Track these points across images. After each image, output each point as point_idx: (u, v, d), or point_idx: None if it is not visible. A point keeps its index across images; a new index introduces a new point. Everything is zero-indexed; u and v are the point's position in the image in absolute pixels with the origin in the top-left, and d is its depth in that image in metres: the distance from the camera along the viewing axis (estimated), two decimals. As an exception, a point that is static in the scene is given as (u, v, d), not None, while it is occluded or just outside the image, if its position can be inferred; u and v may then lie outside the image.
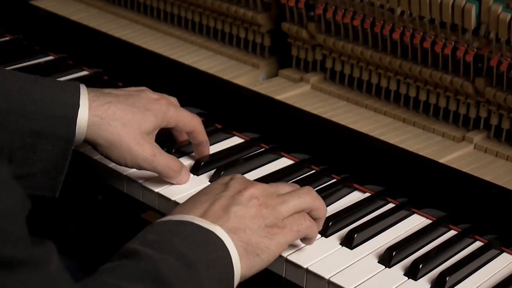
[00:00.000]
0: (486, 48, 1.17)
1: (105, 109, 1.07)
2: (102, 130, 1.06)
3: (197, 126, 1.17)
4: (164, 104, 1.13)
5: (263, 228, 0.95)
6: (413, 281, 0.99)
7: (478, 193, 1.10)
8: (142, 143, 1.08)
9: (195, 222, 0.92)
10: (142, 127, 1.09)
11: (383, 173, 1.18)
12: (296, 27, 1.39)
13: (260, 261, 0.94)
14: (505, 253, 1.06)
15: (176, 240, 0.88)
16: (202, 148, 1.19)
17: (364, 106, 1.33)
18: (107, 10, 1.67)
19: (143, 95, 1.13)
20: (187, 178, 1.14)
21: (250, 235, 0.94)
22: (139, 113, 1.10)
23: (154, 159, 1.09)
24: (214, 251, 0.90)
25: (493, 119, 1.21)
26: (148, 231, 0.92)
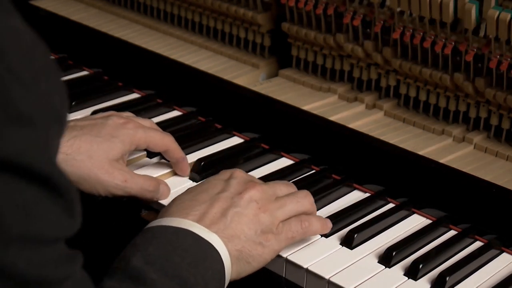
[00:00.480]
0: (486, 48, 1.17)
1: (70, 144, 1.06)
2: (69, 166, 1.06)
3: (170, 145, 1.15)
4: (131, 128, 1.12)
5: (259, 234, 0.96)
6: (413, 281, 0.99)
7: (478, 193, 1.10)
8: (111, 171, 1.07)
9: (194, 232, 0.93)
10: (109, 155, 1.08)
11: (383, 173, 1.17)
12: (296, 27, 1.39)
13: (250, 268, 0.97)
14: (505, 253, 1.06)
15: (177, 259, 0.89)
16: (181, 165, 1.17)
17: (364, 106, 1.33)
18: (107, 10, 1.67)
19: (109, 122, 1.12)
20: (167, 193, 1.13)
21: (244, 242, 0.95)
22: (105, 142, 1.09)
23: (126, 185, 1.08)
24: (211, 267, 0.91)
25: (493, 119, 1.21)
26: (148, 240, 0.92)
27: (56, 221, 0.65)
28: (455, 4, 1.16)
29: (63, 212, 0.66)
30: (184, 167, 1.18)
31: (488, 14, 1.13)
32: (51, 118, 0.64)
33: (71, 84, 1.45)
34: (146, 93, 1.42)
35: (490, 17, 1.13)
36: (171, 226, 0.94)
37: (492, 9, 1.13)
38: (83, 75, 1.50)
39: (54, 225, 0.65)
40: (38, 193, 0.63)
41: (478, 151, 1.21)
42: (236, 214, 0.96)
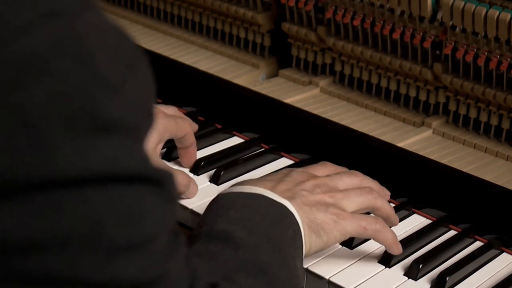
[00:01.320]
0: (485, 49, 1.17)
1: None
2: None
3: (189, 128, 1.16)
4: (162, 118, 1.13)
5: (329, 211, 0.95)
6: (413, 281, 0.99)
7: (478, 193, 1.10)
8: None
9: (266, 196, 0.93)
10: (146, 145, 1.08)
11: (383, 173, 1.17)
12: (296, 27, 1.39)
13: (320, 243, 0.94)
14: (505, 253, 1.06)
15: (258, 219, 0.89)
16: (192, 151, 1.18)
17: (364, 106, 1.33)
18: (107, 10, 1.67)
19: None
20: (195, 191, 1.12)
21: (316, 214, 0.94)
22: None
23: None
24: (290, 226, 0.91)
25: (493, 120, 1.21)
26: (223, 205, 0.92)
27: (160, 215, 0.64)
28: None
29: (165, 202, 0.65)
30: (194, 154, 1.18)
31: (488, 14, 1.13)
32: (140, 117, 0.63)
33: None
34: (146, 93, 1.42)
35: (490, 17, 1.13)
36: (243, 192, 0.94)
37: (492, 9, 1.13)
38: (83, 75, 1.50)
39: (159, 220, 0.64)
40: (138, 194, 0.62)
41: (478, 151, 1.21)
42: (303, 194, 0.95)
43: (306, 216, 0.94)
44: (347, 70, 1.36)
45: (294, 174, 1.00)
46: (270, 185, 0.96)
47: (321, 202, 0.96)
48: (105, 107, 0.59)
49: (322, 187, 0.98)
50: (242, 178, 1.17)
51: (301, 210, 0.94)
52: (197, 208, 1.09)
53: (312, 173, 1.02)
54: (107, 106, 0.59)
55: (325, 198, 0.96)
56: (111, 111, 0.59)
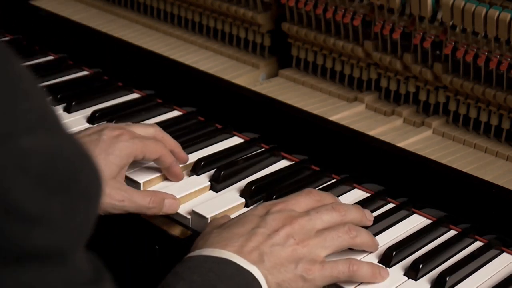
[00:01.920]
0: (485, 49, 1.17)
1: None
2: None
3: (163, 150, 1.13)
4: (126, 140, 1.09)
5: (300, 267, 0.94)
6: (413, 281, 0.99)
7: (478, 193, 1.10)
8: (108, 192, 1.05)
9: (234, 261, 0.92)
10: (106, 175, 1.06)
11: (383, 173, 1.18)
12: (296, 27, 1.39)
13: None
14: (505, 253, 1.06)
15: (222, 286, 0.88)
16: (174, 169, 1.15)
17: (364, 106, 1.33)
18: (107, 10, 1.67)
19: (102, 138, 1.09)
20: (175, 206, 1.10)
21: (284, 276, 0.93)
22: (100, 162, 1.06)
23: (124, 204, 1.06)
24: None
25: (493, 120, 1.21)
26: (191, 268, 0.91)
27: None
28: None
29: None
30: (177, 171, 1.15)
31: (488, 14, 1.13)
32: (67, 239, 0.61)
33: (71, 84, 1.46)
34: (146, 93, 1.42)
35: (490, 17, 1.13)
36: (212, 256, 0.92)
37: (492, 9, 1.13)
38: (83, 75, 1.50)
39: None
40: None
41: (478, 151, 1.21)
42: (274, 250, 0.94)
43: (274, 281, 0.92)
44: (347, 70, 1.36)
45: (269, 219, 0.97)
46: (238, 245, 0.93)
47: (292, 258, 0.94)
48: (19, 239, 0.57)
49: (296, 235, 0.95)
50: (242, 178, 1.17)
51: (269, 274, 0.92)
52: (197, 208, 1.09)
53: (291, 210, 0.99)
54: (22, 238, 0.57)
55: (297, 250, 0.94)
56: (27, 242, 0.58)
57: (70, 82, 1.47)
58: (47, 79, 1.45)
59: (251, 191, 1.12)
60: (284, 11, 1.41)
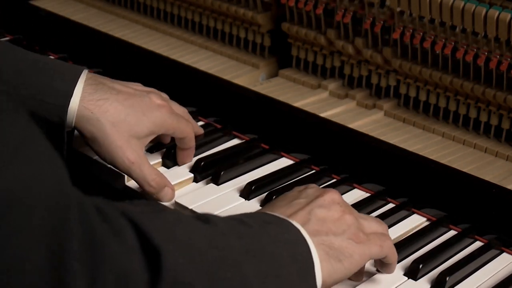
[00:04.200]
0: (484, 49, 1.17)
1: (99, 104, 1.07)
2: (89, 124, 1.06)
3: (190, 133, 1.16)
4: (165, 112, 1.12)
5: (348, 233, 0.89)
6: (413, 281, 0.99)
7: (478, 193, 1.10)
8: (126, 148, 1.07)
9: (276, 215, 0.88)
10: (132, 130, 1.08)
11: (383, 173, 1.18)
12: (296, 27, 1.39)
13: (342, 269, 0.88)
14: (505, 253, 1.06)
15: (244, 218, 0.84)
16: (189, 153, 1.18)
17: (364, 106, 1.33)
18: (107, 10, 1.67)
19: (146, 99, 1.12)
20: (170, 197, 1.11)
21: (333, 239, 0.88)
22: (134, 117, 1.08)
23: (131, 166, 1.08)
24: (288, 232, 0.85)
25: (493, 120, 1.21)
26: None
27: None
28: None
29: None
30: (191, 156, 1.18)
31: (488, 14, 1.13)
32: None
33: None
34: (146, 93, 1.42)
35: (490, 17, 1.13)
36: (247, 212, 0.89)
37: (492, 9, 1.13)
38: (83, 75, 1.50)
39: None
40: None
41: (477, 151, 1.21)
42: (320, 212, 0.90)
43: (322, 242, 0.87)
44: (347, 70, 1.36)
45: (310, 191, 0.95)
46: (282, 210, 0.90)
47: (340, 220, 0.90)
48: None
49: (341, 203, 0.93)
50: (242, 178, 1.17)
51: (316, 236, 0.87)
52: (196, 208, 1.09)
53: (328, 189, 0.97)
54: None
55: (344, 216, 0.91)
56: None
57: (70, 82, 1.46)
58: (47, 79, 1.45)
59: (251, 191, 1.13)
60: (284, 11, 1.41)
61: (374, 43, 1.31)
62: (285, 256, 0.83)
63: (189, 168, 1.19)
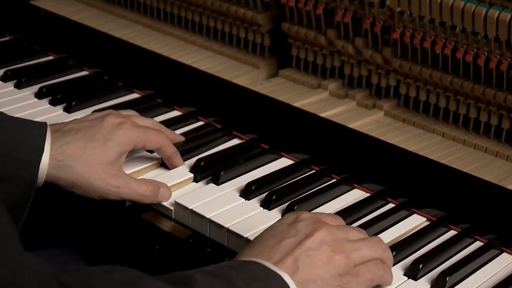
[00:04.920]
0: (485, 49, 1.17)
1: (63, 151, 1.06)
2: (61, 172, 1.06)
3: (164, 141, 1.15)
4: (128, 128, 1.11)
5: (336, 277, 0.89)
6: (413, 281, 0.99)
7: (478, 193, 1.10)
8: (105, 177, 1.07)
9: (263, 263, 0.87)
10: (103, 159, 1.08)
11: (383, 173, 1.18)
12: (296, 27, 1.39)
13: None
14: (505, 253, 1.06)
15: (233, 273, 0.84)
16: (174, 160, 1.17)
17: (364, 106, 1.33)
18: (107, 10, 1.67)
19: (104, 124, 1.11)
20: (168, 195, 1.12)
21: (321, 286, 0.88)
22: (99, 147, 1.08)
23: (119, 191, 1.08)
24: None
25: (493, 120, 1.21)
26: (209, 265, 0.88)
27: None
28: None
29: None
30: (178, 161, 1.18)
31: (488, 14, 1.13)
32: None
33: (71, 84, 1.46)
34: (146, 93, 1.42)
35: (490, 17, 1.13)
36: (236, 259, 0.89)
37: (492, 9, 1.13)
38: (83, 75, 1.50)
39: None
40: None
41: (478, 151, 1.21)
42: (308, 258, 0.88)
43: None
44: (347, 70, 1.36)
45: (300, 226, 0.92)
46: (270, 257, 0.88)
47: (329, 263, 0.89)
48: None
49: (330, 242, 0.90)
50: (242, 178, 1.17)
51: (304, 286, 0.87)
52: (196, 208, 1.09)
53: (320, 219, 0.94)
54: None
55: (332, 257, 0.89)
56: None
57: (70, 82, 1.47)
58: (47, 79, 1.45)
59: (251, 191, 1.12)
60: (284, 11, 1.41)
61: (374, 43, 1.31)
62: None
63: (189, 168, 1.19)
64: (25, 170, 1.03)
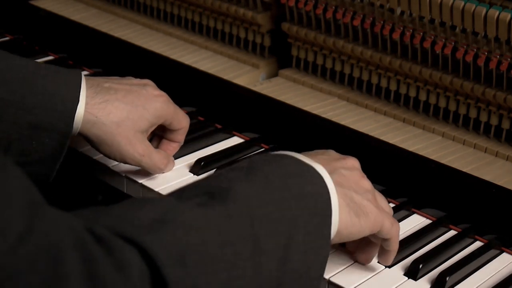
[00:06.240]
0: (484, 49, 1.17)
1: (102, 107, 1.08)
2: (95, 128, 1.07)
3: (187, 125, 1.18)
4: (164, 102, 1.14)
5: (365, 193, 0.92)
6: (413, 281, 0.99)
7: (478, 193, 1.10)
8: (134, 143, 1.10)
9: (296, 157, 0.89)
10: (136, 126, 1.10)
11: (383, 173, 1.18)
12: (296, 27, 1.39)
13: (358, 225, 0.89)
14: (505, 253, 1.06)
15: (268, 168, 0.85)
16: (173, 148, 1.19)
17: (364, 106, 1.33)
18: (107, 10, 1.67)
19: (143, 92, 1.13)
20: (171, 167, 1.17)
21: (354, 195, 0.90)
22: (136, 112, 1.10)
23: (142, 159, 1.11)
24: (310, 183, 0.85)
25: (493, 120, 1.21)
26: (244, 160, 0.90)
27: None
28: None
29: None
30: (174, 150, 1.19)
31: (488, 14, 1.13)
32: None
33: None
34: (146, 93, 1.42)
35: (490, 17, 1.13)
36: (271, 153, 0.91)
37: (492, 9, 1.13)
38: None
39: None
40: None
41: (477, 151, 1.21)
42: (343, 171, 0.92)
43: (344, 193, 0.89)
44: (347, 70, 1.36)
45: (331, 152, 0.97)
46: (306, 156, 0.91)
47: (361, 183, 0.93)
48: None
49: (360, 170, 0.96)
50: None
51: (339, 186, 0.89)
52: (197, 208, 1.09)
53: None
54: None
55: (363, 180, 0.94)
56: None
57: (70, 82, 1.46)
58: (47, 79, 1.45)
59: (251, 191, 1.13)
60: (284, 11, 1.41)
61: (374, 43, 1.31)
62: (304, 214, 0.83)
63: (189, 168, 1.19)
64: (61, 121, 1.05)
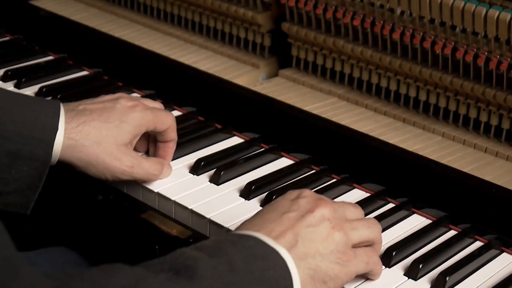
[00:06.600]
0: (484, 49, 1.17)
1: (79, 130, 1.08)
2: (77, 152, 1.07)
3: (173, 122, 1.17)
4: (140, 111, 1.13)
5: (334, 253, 0.90)
6: (413, 281, 0.99)
7: (478, 193, 1.10)
8: (120, 157, 1.09)
9: (260, 238, 0.88)
10: (118, 140, 1.10)
11: (383, 173, 1.18)
12: (296, 27, 1.39)
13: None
14: (505, 253, 1.06)
15: (233, 250, 0.85)
16: (169, 147, 1.18)
17: (364, 106, 1.33)
18: (107, 10, 1.67)
19: (117, 106, 1.13)
20: (168, 173, 1.16)
21: (319, 261, 0.89)
22: (114, 128, 1.10)
23: (133, 171, 1.11)
24: (273, 268, 0.85)
25: (493, 120, 1.21)
26: (208, 239, 0.89)
27: None
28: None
29: None
30: (171, 151, 1.18)
31: (488, 14, 1.13)
32: None
33: (71, 84, 1.46)
34: (146, 93, 1.42)
35: (490, 17, 1.13)
36: (235, 233, 0.90)
37: (492, 9, 1.13)
38: (83, 75, 1.50)
39: None
40: None
41: (478, 151, 1.21)
42: (308, 233, 0.90)
43: (308, 266, 0.88)
44: (347, 70, 1.36)
45: (302, 202, 0.93)
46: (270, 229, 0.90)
47: (328, 240, 0.90)
48: None
49: (331, 218, 0.92)
50: (242, 178, 1.17)
51: (302, 260, 0.88)
52: (196, 208, 1.09)
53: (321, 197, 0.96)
54: None
55: (332, 234, 0.91)
56: None
57: (70, 82, 1.46)
58: (47, 79, 1.45)
59: (251, 191, 1.13)
60: (284, 11, 1.41)
61: (375, 43, 1.31)
62: None
63: (188, 168, 1.19)
64: (40, 149, 1.04)
